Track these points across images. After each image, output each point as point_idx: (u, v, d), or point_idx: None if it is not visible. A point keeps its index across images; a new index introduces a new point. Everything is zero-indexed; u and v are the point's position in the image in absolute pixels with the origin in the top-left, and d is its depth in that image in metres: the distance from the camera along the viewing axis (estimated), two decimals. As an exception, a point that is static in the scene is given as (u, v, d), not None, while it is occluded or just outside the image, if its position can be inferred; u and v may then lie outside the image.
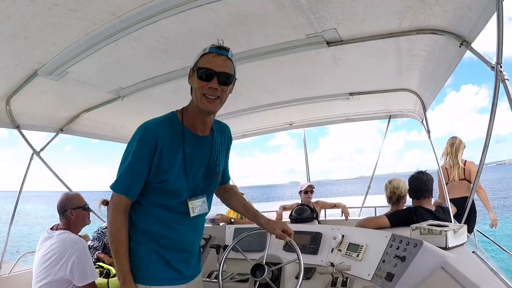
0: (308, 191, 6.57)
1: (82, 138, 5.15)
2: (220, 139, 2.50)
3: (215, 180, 2.49)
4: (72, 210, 3.46)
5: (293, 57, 3.35)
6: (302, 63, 3.61)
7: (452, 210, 4.02)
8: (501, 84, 2.59)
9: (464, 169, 6.05)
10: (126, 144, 2.27)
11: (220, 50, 2.18)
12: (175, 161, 2.20)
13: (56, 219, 3.55)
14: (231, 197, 2.81)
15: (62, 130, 4.66)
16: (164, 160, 2.16)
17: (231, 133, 2.67)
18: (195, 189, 2.34)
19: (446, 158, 6.22)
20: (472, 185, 3.54)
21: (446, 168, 6.17)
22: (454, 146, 6.12)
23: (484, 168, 3.32)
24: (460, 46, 2.87)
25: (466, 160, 6.11)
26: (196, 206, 2.35)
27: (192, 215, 2.32)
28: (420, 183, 3.89)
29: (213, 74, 2.13)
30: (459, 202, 4.86)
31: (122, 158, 2.20)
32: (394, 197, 4.33)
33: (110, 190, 2.22)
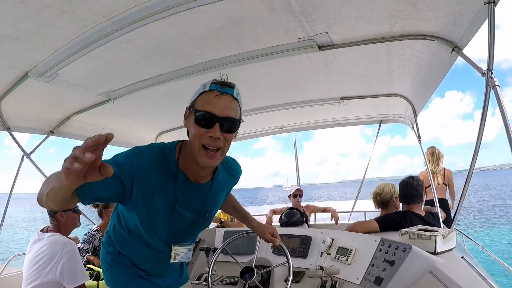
0: (297, 195, 6.60)
1: (66, 140, 5.11)
2: (223, 182, 2.20)
3: (202, 226, 2.25)
4: (63, 213, 3.45)
5: (284, 60, 3.36)
6: (294, 67, 3.61)
7: (441, 215, 4.05)
8: (491, 90, 2.61)
9: (444, 175, 7.05)
10: (115, 146, 2.13)
11: (224, 88, 1.80)
12: (157, 203, 1.91)
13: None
14: None
15: (53, 132, 4.64)
16: (145, 197, 1.85)
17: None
18: (174, 235, 2.12)
19: (428, 165, 6.70)
20: (462, 190, 3.57)
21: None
22: (435, 155, 7.14)
23: (466, 174, 3.36)
24: (451, 52, 2.88)
25: (444, 168, 7.13)
26: (179, 253, 2.16)
27: (172, 261, 2.15)
28: (410, 188, 3.91)
29: (215, 119, 1.74)
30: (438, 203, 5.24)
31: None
32: (376, 202, 4.35)
33: None
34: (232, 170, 2.27)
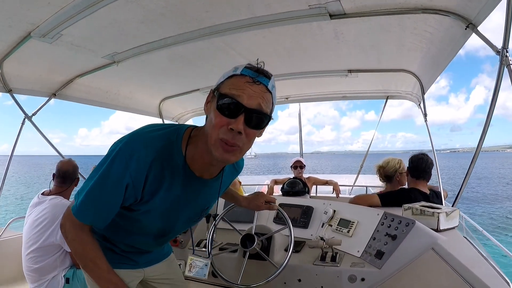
0: (297, 166, 6.66)
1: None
2: (226, 178, 1.95)
3: (195, 222, 2.04)
4: (77, 179, 3.59)
5: (293, 28, 3.27)
6: (303, 35, 3.53)
7: (443, 194, 4.03)
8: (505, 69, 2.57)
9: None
10: (114, 110, 1.90)
11: (259, 76, 1.51)
12: (156, 199, 1.63)
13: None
14: None
15: (55, 94, 4.58)
16: (143, 192, 1.59)
17: None
18: (161, 231, 1.90)
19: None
20: (466, 173, 3.56)
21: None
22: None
23: (437, 154, 3.39)
24: (466, 29, 2.82)
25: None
26: (195, 265, 2.04)
27: (186, 273, 2.04)
28: (424, 164, 3.88)
29: (241, 108, 1.43)
30: None
31: (91, 174, 1.58)
32: (380, 175, 4.35)
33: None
34: (237, 165, 2.05)
